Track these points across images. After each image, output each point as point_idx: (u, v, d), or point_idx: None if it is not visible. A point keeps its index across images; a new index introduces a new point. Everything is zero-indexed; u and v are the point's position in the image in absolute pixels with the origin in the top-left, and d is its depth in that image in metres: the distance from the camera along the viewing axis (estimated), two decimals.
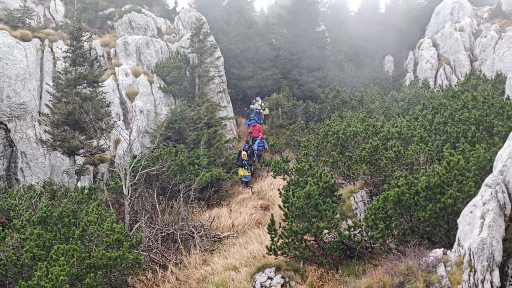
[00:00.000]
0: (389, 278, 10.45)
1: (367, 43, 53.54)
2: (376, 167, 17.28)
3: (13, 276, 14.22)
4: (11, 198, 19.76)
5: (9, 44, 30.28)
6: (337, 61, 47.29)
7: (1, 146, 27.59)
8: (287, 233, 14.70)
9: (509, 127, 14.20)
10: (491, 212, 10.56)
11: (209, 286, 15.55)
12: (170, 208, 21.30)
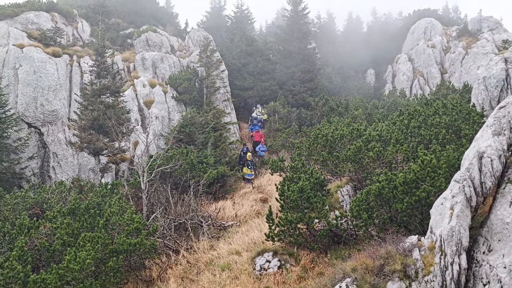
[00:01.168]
0: (371, 261, 10.45)
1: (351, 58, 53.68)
2: (360, 165, 17.30)
3: (46, 259, 14.23)
4: (44, 193, 19.76)
5: (42, 60, 30.38)
6: (326, 73, 47.38)
7: (36, 147, 27.63)
8: (283, 222, 14.70)
9: (474, 131, 14.20)
10: (459, 204, 10.56)
11: (216, 268, 15.54)
12: (181, 201, 21.33)
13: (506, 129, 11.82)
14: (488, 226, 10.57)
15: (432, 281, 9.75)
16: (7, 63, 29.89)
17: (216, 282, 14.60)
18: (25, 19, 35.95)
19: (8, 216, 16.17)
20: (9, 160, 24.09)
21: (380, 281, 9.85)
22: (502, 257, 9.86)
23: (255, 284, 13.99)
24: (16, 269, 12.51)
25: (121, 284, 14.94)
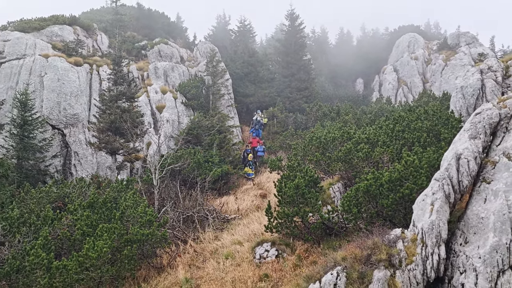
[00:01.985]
0: (359, 251, 10.45)
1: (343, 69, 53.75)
2: (350, 165, 17.29)
3: (67, 248, 14.23)
4: (66, 188, 19.77)
5: (65, 68, 30.43)
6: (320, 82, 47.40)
7: (59, 147, 27.64)
8: (280, 216, 14.71)
9: (453, 134, 14.20)
10: (439, 200, 10.57)
11: (220, 256, 15.53)
12: (189, 196, 21.35)
13: (482, 133, 11.82)
14: (465, 220, 10.58)
15: (414, 270, 9.75)
16: (33, 71, 29.92)
17: (220, 269, 14.60)
18: (50, 31, 36.02)
19: (33, 208, 16.18)
20: (35, 158, 24.10)
21: (368, 269, 9.85)
22: (477, 248, 9.86)
23: (255, 271, 13.99)
24: (41, 256, 12.52)
25: (134, 270, 14.95)
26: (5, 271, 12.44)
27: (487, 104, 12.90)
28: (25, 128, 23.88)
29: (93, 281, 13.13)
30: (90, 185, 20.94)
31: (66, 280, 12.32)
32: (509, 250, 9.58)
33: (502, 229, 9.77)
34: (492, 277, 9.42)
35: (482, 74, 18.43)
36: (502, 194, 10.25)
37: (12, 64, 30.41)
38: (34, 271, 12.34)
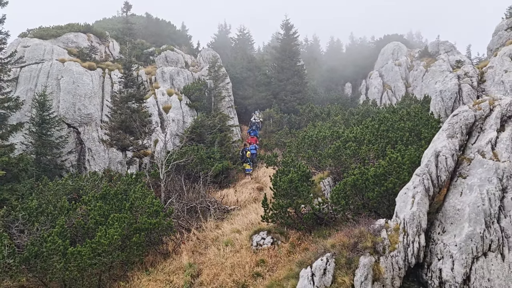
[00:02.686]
0: (347, 239, 10.46)
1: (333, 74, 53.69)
2: (339, 161, 17.31)
3: (81, 235, 14.23)
4: (81, 181, 19.76)
5: (80, 72, 30.41)
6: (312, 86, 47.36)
7: (74, 144, 27.63)
8: (275, 207, 14.72)
9: (432, 134, 14.22)
10: (419, 193, 10.59)
11: (220, 244, 15.54)
12: (193, 188, 21.35)
13: (458, 132, 11.86)
14: (443, 211, 10.61)
15: (397, 256, 9.77)
16: (51, 74, 29.89)
17: (221, 255, 14.61)
18: (66, 38, 35.96)
19: (51, 199, 16.17)
20: (52, 154, 24.09)
21: (354, 255, 9.87)
22: (454, 237, 9.90)
23: (252, 257, 14.00)
24: (57, 243, 12.52)
25: (142, 256, 14.96)
26: (24, 256, 12.43)
27: (464, 107, 12.93)
28: (43, 126, 23.89)
29: (104, 265, 13.13)
30: (102, 179, 20.94)
31: (80, 264, 12.33)
32: (482, 238, 9.62)
33: (477, 219, 9.81)
34: (467, 263, 9.46)
35: (459, 79, 18.46)
36: (477, 188, 10.29)
37: (32, 68, 30.39)
38: (51, 256, 12.34)
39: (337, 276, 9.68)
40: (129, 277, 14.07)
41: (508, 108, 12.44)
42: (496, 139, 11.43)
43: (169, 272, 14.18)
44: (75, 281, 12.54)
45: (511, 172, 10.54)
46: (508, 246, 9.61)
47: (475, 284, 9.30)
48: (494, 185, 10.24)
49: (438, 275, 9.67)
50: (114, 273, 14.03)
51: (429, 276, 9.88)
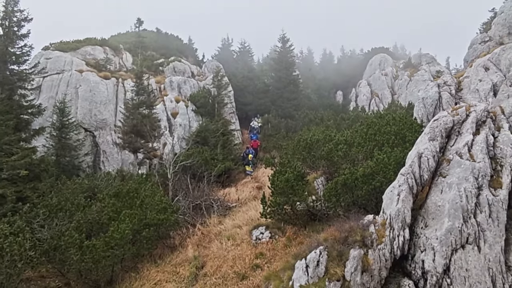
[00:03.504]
0: (338, 233, 10.42)
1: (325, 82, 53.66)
2: (331, 162, 17.28)
3: (96, 230, 14.19)
4: (96, 180, 19.75)
5: (96, 81, 30.49)
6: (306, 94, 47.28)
7: (90, 146, 27.66)
8: (273, 204, 14.67)
9: (416, 137, 14.18)
10: (404, 191, 10.57)
11: (223, 238, 15.51)
12: (198, 187, 21.30)
13: (439, 136, 11.84)
14: (425, 208, 10.59)
15: (384, 249, 9.74)
16: (70, 83, 29.95)
17: (223, 249, 14.57)
18: (84, 51, 35.99)
19: (69, 197, 16.11)
20: (70, 156, 24.09)
21: (345, 248, 9.83)
22: (435, 231, 9.87)
23: (252, 250, 13.98)
24: (74, 236, 12.49)
25: (151, 249, 14.95)
26: (44, 249, 12.41)
27: (443, 112, 12.92)
28: (63, 130, 23.92)
29: (117, 258, 13.10)
30: (115, 178, 20.93)
31: (95, 256, 12.29)
32: (460, 232, 9.59)
33: (455, 215, 9.79)
34: (447, 254, 9.43)
35: (439, 88, 18.46)
36: (455, 186, 10.27)
37: (53, 78, 30.45)
38: (69, 249, 12.30)
39: (329, 267, 9.63)
40: (139, 268, 14.04)
41: (483, 113, 12.44)
42: (472, 141, 11.43)
43: (176, 264, 14.16)
44: (90, 272, 12.51)
45: (485, 171, 10.53)
46: (483, 239, 9.59)
47: (454, 274, 9.26)
48: (471, 183, 10.23)
49: (421, 266, 9.64)
50: (125, 265, 14.00)
51: (412, 267, 9.85)
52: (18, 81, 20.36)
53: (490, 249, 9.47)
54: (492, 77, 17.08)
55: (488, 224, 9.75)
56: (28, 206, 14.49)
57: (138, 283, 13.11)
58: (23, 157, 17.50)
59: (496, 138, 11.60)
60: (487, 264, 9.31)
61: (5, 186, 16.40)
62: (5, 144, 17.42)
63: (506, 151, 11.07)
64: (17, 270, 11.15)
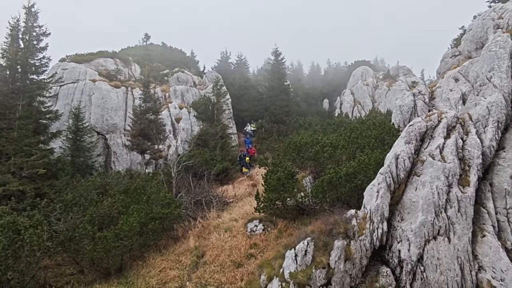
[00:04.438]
0: (324, 226, 10.44)
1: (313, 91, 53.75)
2: (318, 162, 17.33)
3: (107, 223, 14.15)
4: (107, 178, 19.67)
5: (108, 90, 30.40)
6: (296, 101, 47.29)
7: (102, 148, 27.54)
8: (266, 200, 14.68)
9: (393, 140, 14.24)
10: (382, 188, 10.60)
11: (221, 230, 15.50)
12: (198, 185, 21.28)
13: (414, 139, 11.90)
14: (401, 203, 10.63)
15: (364, 240, 9.76)
16: (84, 92, 29.84)
17: (221, 240, 14.56)
18: (97, 63, 35.89)
19: (83, 193, 16.06)
20: (84, 156, 24.01)
21: (330, 239, 9.85)
22: (410, 224, 9.92)
23: (247, 241, 13.98)
24: (87, 229, 12.45)
25: (157, 240, 14.91)
26: (60, 239, 12.37)
27: (418, 118, 12.99)
28: (78, 134, 23.86)
29: (126, 248, 13.05)
30: (124, 177, 20.86)
31: (106, 247, 12.25)
32: (433, 225, 9.65)
33: (428, 210, 9.84)
34: (420, 245, 9.48)
35: (415, 97, 18.57)
36: (428, 184, 10.33)
37: (69, 87, 30.34)
38: (82, 240, 12.27)
39: (316, 256, 9.65)
40: (146, 257, 14.00)
41: (453, 120, 12.52)
42: (443, 144, 11.49)
43: (179, 253, 14.13)
44: (102, 260, 12.45)
45: (455, 171, 10.60)
46: (453, 231, 9.65)
47: (427, 262, 9.31)
48: (442, 182, 10.29)
49: (398, 255, 9.67)
50: (133, 254, 13.96)
51: (390, 256, 9.87)
52: (37, 90, 20.29)
53: (459, 240, 9.53)
54: (461, 87, 17.20)
55: (457, 218, 9.82)
56: (45, 201, 14.46)
57: (144, 270, 13.07)
58: (41, 158, 17.44)
59: (465, 142, 11.67)
60: (456, 253, 9.37)
61: (25, 183, 16.34)
62: (26, 145, 17.35)
63: (473, 153, 11.16)
64: (35, 259, 11.11)
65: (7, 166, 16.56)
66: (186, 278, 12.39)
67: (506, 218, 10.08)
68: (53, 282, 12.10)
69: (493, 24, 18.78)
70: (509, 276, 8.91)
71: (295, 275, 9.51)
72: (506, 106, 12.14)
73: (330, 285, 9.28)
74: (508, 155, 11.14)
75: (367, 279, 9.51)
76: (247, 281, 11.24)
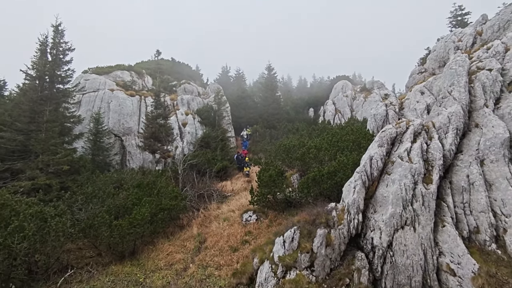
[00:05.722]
0: (308, 216, 10.49)
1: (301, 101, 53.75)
2: (304, 162, 17.37)
3: (122, 213, 14.08)
4: (123, 174, 19.57)
5: (124, 98, 30.23)
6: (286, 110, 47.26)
7: (118, 148, 27.36)
8: (259, 194, 14.71)
9: (368, 144, 14.34)
10: (358, 185, 10.68)
11: (220, 219, 15.47)
12: (201, 180, 21.24)
13: (385, 143, 12.00)
14: (374, 198, 10.71)
15: (342, 229, 9.82)
16: (103, 99, 29.67)
17: (220, 228, 14.55)
18: (114, 74, 35.71)
19: (101, 187, 15.97)
20: (103, 155, 23.85)
21: (313, 228, 9.90)
22: (382, 215, 9.99)
23: (242, 229, 13.98)
24: (105, 217, 12.39)
25: (165, 228, 14.87)
26: (82, 227, 12.30)
27: (389, 125, 13.10)
28: (97, 135, 23.73)
29: (138, 234, 13.01)
30: (138, 173, 20.78)
31: (121, 233, 12.21)
32: (401, 216, 9.73)
33: (397, 203, 9.92)
34: (390, 233, 9.55)
35: (387, 107, 18.70)
36: (397, 182, 10.41)
37: (90, 95, 30.14)
38: (101, 227, 12.20)
39: (301, 242, 9.69)
40: (155, 242, 13.95)
41: (419, 127, 12.64)
42: (410, 148, 11.60)
43: (184, 239, 14.10)
44: (117, 245, 12.40)
45: (420, 170, 10.70)
46: (418, 222, 9.73)
47: (395, 248, 9.38)
48: (409, 179, 10.39)
49: (371, 242, 9.74)
50: (144, 240, 13.91)
51: (364, 243, 9.94)
52: (62, 97, 20.19)
53: (422, 229, 9.62)
54: (426, 99, 17.36)
55: (422, 210, 9.91)
56: (69, 194, 14.37)
57: (154, 253, 13.04)
58: (65, 156, 17.34)
59: (429, 146, 11.79)
60: (420, 240, 9.45)
61: (51, 178, 16.24)
62: (52, 145, 17.25)
63: (435, 155, 11.27)
64: (60, 243, 11.06)
65: (36, 163, 16.46)
66: (189, 260, 12.38)
67: (463, 211, 10.20)
68: (75, 264, 12.03)
69: (454, 46, 19.00)
70: (464, 260, 9.01)
71: (283, 258, 9.54)
72: (463, 115, 12.29)
73: (313, 267, 9.32)
74: (465, 157, 11.28)
75: (345, 262, 9.58)
76: (242, 263, 11.26)
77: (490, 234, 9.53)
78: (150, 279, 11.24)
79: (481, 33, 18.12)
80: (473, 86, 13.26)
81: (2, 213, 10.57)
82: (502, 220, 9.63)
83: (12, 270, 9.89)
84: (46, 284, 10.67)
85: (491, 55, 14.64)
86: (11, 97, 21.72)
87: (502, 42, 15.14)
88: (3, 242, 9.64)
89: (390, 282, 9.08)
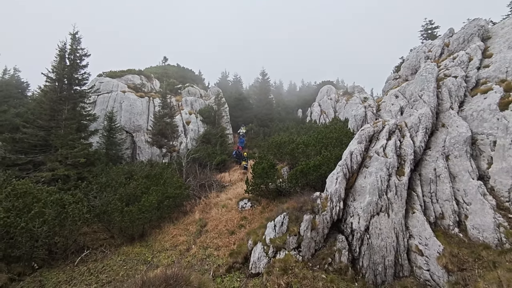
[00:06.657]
0: (296, 204, 10.52)
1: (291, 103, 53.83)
2: (293, 156, 17.42)
3: (133, 200, 14.02)
4: (133, 166, 19.44)
5: (134, 99, 29.94)
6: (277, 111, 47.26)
7: (129, 143, 27.16)
8: (253, 184, 14.72)
9: (349, 141, 14.40)
10: (340, 176, 10.72)
11: (219, 206, 15.46)
12: (203, 172, 21.21)
13: (364, 140, 12.04)
14: (354, 188, 10.76)
15: (326, 215, 9.87)
16: (116, 100, 29.39)
17: (219, 213, 14.55)
18: (126, 78, 35.35)
19: (114, 177, 15.87)
20: (116, 149, 23.66)
21: (300, 214, 9.94)
22: (360, 203, 10.05)
23: (239, 215, 13.99)
24: (117, 204, 12.33)
25: (170, 213, 14.84)
26: (96, 212, 12.23)
27: (367, 125, 13.15)
28: (111, 132, 23.52)
29: (146, 219, 12.98)
30: (146, 165, 20.64)
31: (131, 218, 12.17)
32: (377, 204, 9.79)
33: (373, 193, 9.98)
34: (367, 219, 9.61)
35: (365, 108, 18.75)
36: (374, 174, 10.47)
37: (104, 96, 29.83)
38: (113, 213, 12.15)
39: (290, 226, 9.74)
40: (162, 226, 13.93)
41: (393, 126, 12.70)
42: (386, 144, 11.66)
43: (187, 224, 14.09)
44: (128, 229, 12.36)
45: (394, 164, 10.77)
46: (391, 209, 9.81)
47: (371, 232, 9.45)
48: (384, 172, 10.45)
49: (350, 226, 9.80)
50: (152, 224, 13.88)
51: (345, 227, 10.01)
52: (79, 98, 19.96)
53: (395, 216, 9.70)
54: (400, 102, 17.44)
55: (395, 199, 9.99)
56: (85, 183, 14.26)
57: (161, 236, 13.01)
58: (82, 150, 17.19)
59: (401, 143, 11.87)
60: (393, 225, 9.53)
61: (70, 169, 16.10)
62: (70, 140, 17.10)
63: (407, 151, 11.35)
64: (77, 227, 11.00)
65: (56, 156, 16.30)
66: (192, 242, 12.38)
67: (430, 200, 10.30)
68: (90, 245, 11.97)
69: (424, 56, 19.07)
70: (431, 242, 9.11)
71: (274, 240, 9.59)
72: (432, 116, 12.37)
73: (300, 248, 9.38)
74: (432, 153, 11.37)
75: (328, 244, 9.64)
76: (238, 245, 11.28)
77: (453, 220, 9.65)
78: (157, 258, 11.23)
79: (448, 44, 18.20)
80: (440, 91, 13.34)
81: (25, 200, 10.48)
82: (464, 207, 9.74)
83: (34, 251, 9.83)
84: (64, 263, 10.62)
85: (457, 64, 14.73)
86: (34, 97, 21.48)
87: (466, 52, 15.23)
88: (26, 226, 9.57)
89: (367, 261, 9.17)
